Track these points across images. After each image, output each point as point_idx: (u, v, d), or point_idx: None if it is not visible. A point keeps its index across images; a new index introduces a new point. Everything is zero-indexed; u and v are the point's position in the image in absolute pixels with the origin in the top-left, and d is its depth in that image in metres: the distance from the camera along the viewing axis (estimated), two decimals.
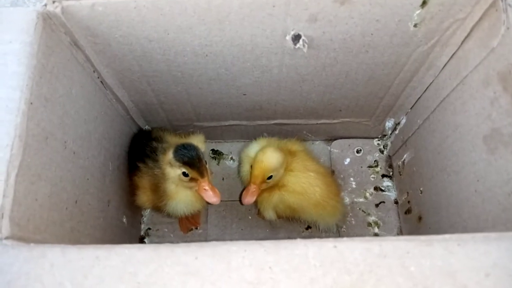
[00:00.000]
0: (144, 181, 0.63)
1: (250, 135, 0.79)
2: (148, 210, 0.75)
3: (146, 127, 0.74)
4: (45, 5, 0.42)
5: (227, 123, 0.74)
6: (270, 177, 0.61)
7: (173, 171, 0.57)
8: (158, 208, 0.65)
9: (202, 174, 0.55)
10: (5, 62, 0.39)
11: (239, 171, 0.72)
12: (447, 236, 0.33)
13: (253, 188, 0.61)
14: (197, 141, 0.65)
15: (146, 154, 0.63)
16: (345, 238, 0.33)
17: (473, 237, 0.33)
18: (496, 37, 0.43)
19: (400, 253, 0.31)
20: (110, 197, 0.59)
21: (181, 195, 0.59)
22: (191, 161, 0.55)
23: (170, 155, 0.56)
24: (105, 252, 0.32)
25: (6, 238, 0.34)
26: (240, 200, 0.65)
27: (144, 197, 0.63)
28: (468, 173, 0.50)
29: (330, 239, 0.33)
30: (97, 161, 0.55)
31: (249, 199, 0.62)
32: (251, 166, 0.62)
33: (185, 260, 0.31)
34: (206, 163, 0.57)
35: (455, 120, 0.53)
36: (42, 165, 0.41)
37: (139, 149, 0.65)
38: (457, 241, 0.32)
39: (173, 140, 0.65)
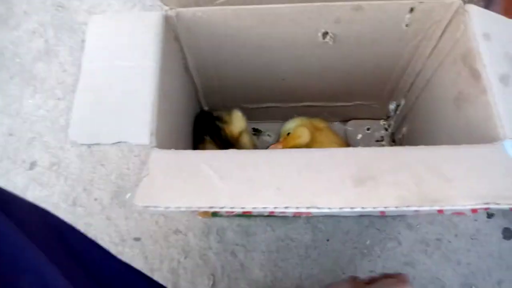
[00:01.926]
0: (208, 147, 0.86)
1: (283, 116, 1.01)
2: None
3: (206, 108, 0.97)
4: (166, 10, 0.66)
5: (265, 105, 0.97)
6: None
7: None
8: None
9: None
10: (146, 44, 0.62)
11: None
12: (422, 146, 0.55)
13: (279, 146, 0.84)
14: (237, 118, 0.89)
15: (211, 131, 0.86)
16: (358, 147, 0.54)
17: (437, 147, 0.55)
18: (459, 31, 0.65)
19: (393, 151, 0.53)
20: (187, 147, 0.82)
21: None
22: None
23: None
24: (216, 153, 0.54)
25: (155, 147, 0.56)
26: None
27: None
28: (444, 127, 0.72)
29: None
30: (183, 121, 0.78)
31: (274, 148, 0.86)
32: (288, 134, 0.85)
33: (265, 155, 0.53)
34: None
35: (434, 94, 0.75)
36: (164, 111, 0.63)
37: (205, 126, 0.88)
38: (428, 148, 0.54)
39: (228, 119, 0.89)
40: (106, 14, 0.65)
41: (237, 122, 0.89)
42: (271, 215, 0.91)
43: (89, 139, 0.57)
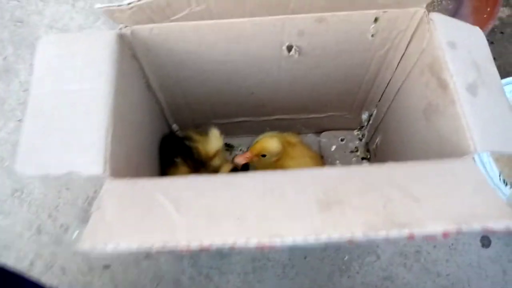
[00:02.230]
0: (181, 172, 0.81)
1: (256, 130, 0.98)
2: None
3: (174, 125, 0.93)
4: (120, 28, 0.63)
5: (237, 119, 0.94)
6: (263, 156, 0.81)
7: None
8: None
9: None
10: (99, 65, 0.59)
11: None
12: (391, 163, 0.52)
13: (247, 155, 0.81)
14: (215, 137, 0.85)
15: (182, 152, 0.82)
16: (325, 167, 0.52)
17: (407, 163, 0.52)
18: (425, 40, 0.63)
19: (361, 171, 0.51)
20: (151, 174, 0.78)
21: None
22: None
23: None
24: (176, 179, 0.51)
25: (109, 176, 0.53)
26: (233, 159, 0.85)
27: None
28: (415, 139, 0.70)
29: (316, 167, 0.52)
30: (146, 143, 0.74)
31: (240, 159, 0.82)
32: (256, 142, 0.82)
33: (226, 179, 0.50)
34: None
35: (404, 104, 0.73)
36: (121, 135, 0.59)
37: (174, 148, 0.84)
38: (398, 165, 0.52)
39: (198, 138, 0.85)
40: (55, 35, 0.61)
41: (214, 141, 0.85)
42: None
43: (38, 170, 0.53)
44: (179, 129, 0.94)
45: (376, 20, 0.65)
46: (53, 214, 0.96)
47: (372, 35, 0.69)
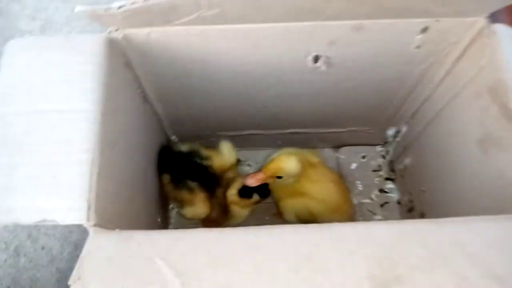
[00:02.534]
0: (198, 197, 0.70)
1: (266, 143, 0.87)
2: (175, 212, 0.82)
3: (173, 137, 0.81)
4: (109, 32, 0.50)
5: (245, 132, 0.82)
6: (279, 177, 0.68)
7: (240, 203, 0.70)
8: (211, 220, 0.73)
9: (264, 194, 0.69)
10: (82, 80, 0.46)
11: None
12: (455, 218, 0.41)
13: (260, 176, 0.68)
14: (227, 150, 0.73)
15: (193, 172, 0.70)
16: (372, 221, 0.41)
17: (473, 219, 0.41)
18: (484, 57, 0.52)
19: (419, 231, 0.39)
20: (150, 199, 0.66)
21: (244, 212, 0.71)
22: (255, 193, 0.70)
23: (234, 196, 0.69)
24: (180, 234, 0.39)
25: (94, 225, 0.41)
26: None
27: (198, 210, 0.71)
28: (464, 172, 0.59)
29: (360, 222, 0.41)
30: (142, 166, 0.62)
31: (252, 181, 0.68)
32: (271, 160, 0.70)
33: (247, 238, 0.39)
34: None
35: (450, 128, 0.62)
36: (111, 167, 0.48)
37: (181, 166, 0.71)
38: (463, 222, 0.41)
39: (209, 154, 0.73)
40: (27, 38, 0.48)
41: (228, 156, 0.74)
42: None
43: (2, 218, 0.41)
44: (179, 140, 0.82)
45: (425, 30, 0.54)
46: (33, 234, 0.84)
47: (417, 47, 0.57)
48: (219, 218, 0.71)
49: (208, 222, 0.80)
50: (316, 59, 0.58)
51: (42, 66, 0.47)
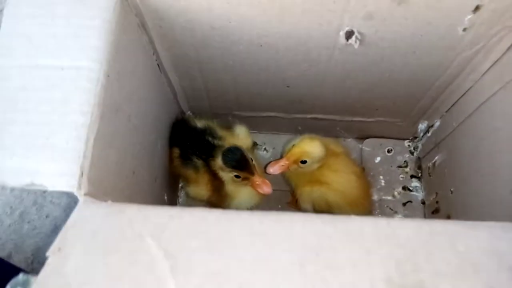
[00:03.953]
0: (201, 178, 0.65)
1: (285, 128, 0.82)
2: (183, 191, 0.78)
3: (189, 113, 0.77)
4: None
5: (264, 114, 0.77)
6: (304, 162, 0.63)
7: (226, 175, 0.61)
8: (213, 204, 0.68)
9: (251, 172, 0.59)
10: (88, 36, 0.42)
11: None
12: (490, 223, 0.35)
13: (283, 162, 0.64)
14: (243, 133, 0.69)
15: (203, 150, 0.65)
16: (396, 218, 0.35)
17: None
18: None
19: (449, 233, 0.34)
20: (157, 174, 0.62)
21: (241, 193, 0.64)
22: (239, 164, 0.59)
23: (219, 161, 0.60)
24: (178, 212, 0.35)
25: (85, 194, 0.37)
26: (265, 169, 0.67)
27: (201, 191, 0.66)
28: (503, 174, 0.52)
29: (383, 217, 0.35)
30: (150, 138, 0.58)
31: (274, 169, 0.64)
32: (293, 145, 0.65)
33: (250, 223, 0.34)
34: (252, 160, 0.60)
35: (493, 124, 0.55)
36: (112, 134, 0.44)
37: (193, 142, 0.67)
38: (501, 227, 0.35)
39: (224, 134, 0.68)
40: None
41: (243, 139, 0.69)
42: None
43: None
44: (195, 117, 0.78)
45: (477, 9, 0.47)
46: (39, 201, 0.82)
47: (464, 29, 0.50)
48: (220, 202, 0.66)
49: (211, 205, 0.77)
50: (349, 35, 0.52)
51: (46, 18, 0.43)
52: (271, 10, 0.48)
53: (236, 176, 0.60)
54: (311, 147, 0.63)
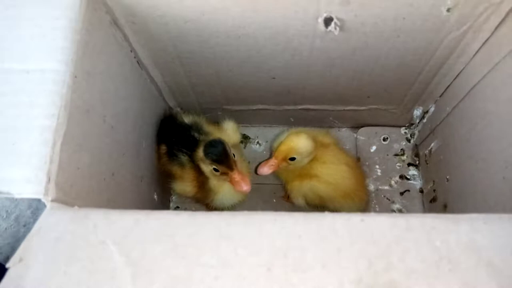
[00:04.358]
0: (187, 174, 0.64)
1: (277, 120, 0.81)
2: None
3: (177, 109, 0.76)
4: None
5: (254, 107, 0.76)
6: (292, 159, 0.62)
7: (206, 167, 0.60)
8: (199, 200, 0.67)
9: (230, 168, 0.58)
10: (54, 37, 0.41)
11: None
12: (473, 215, 0.33)
13: (272, 161, 0.63)
14: (231, 129, 0.67)
15: (189, 146, 0.64)
16: (372, 213, 0.34)
17: (499, 217, 0.33)
18: None
19: (426, 229, 0.32)
20: (143, 173, 0.61)
21: (225, 188, 0.62)
22: (219, 157, 0.57)
23: (201, 153, 0.58)
24: (144, 216, 0.34)
25: (53, 201, 0.36)
26: (256, 170, 0.66)
27: (186, 188, 0.65)
28: (496, 160, 0.50)
29: (358, 213, 0.34)
30: (132, 137, 0.57)
31: (265, 170, 0.63)
32: (280, 143, 0.63)
33: (218, 225, 0.33)
34: (234, 155, 0.59)
35: (485, 107, 0.53)
36: (83, 136, 0.43)
37: (179, 138, 0.65)
38: (483, 219, 0.33)
39: (211, 130, 0.67)
40: None
41: (231, 135, 0.68)
42: None
43: None
44: (183, 113, 0.77)
45: None
46: (33, 204, 0.82)
47: (448, 9, 0.48)
48: (204, 198, 0.65)
49: (198, 202, 0.75)
50: (327, 21, 0.50)
51: (10, 20, 0.42)
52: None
53: (215, 170, 0.58)
54: (298, 143, 0.61)
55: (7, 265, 0.31)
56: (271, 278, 0.29)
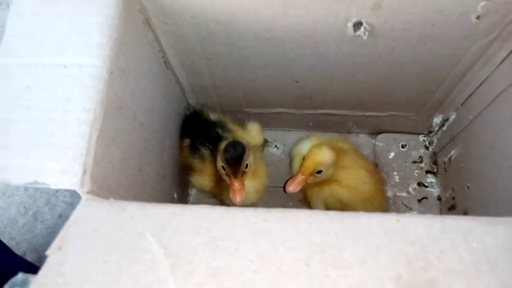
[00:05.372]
0: (206, 168, 0.64)
1: (296, 124, 0.81)
2: (195, 189, 0.78)
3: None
4: None
5: (274, 110, 0.76)
6: (319, 172, 0.62)
7: (218, 162, 0.60)
8: (215, 196, 0.67)
9: (235, 174, 0.58)
10: (90, 33, 0.42)
11: (290, 167, 0.73)
12: (509, 218, 0.34)
13: (300, 178, 0.63)
14: (255, 130, 0.68)
15: (212, 141, 0.65)
16: (407, 214, 0.34)
17: None
18: None
19: (463, 230, 0.32)
20: (165, 172, 0.62)
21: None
22: (231, 159, 0.57)
23: (222, 146, 0.59)
24: (180, 209, 0.34)
25: (88, 192, 0.37)
26: (284, 188, 0.66)
27: (203, 182, 0.65)
28: None
29: (392, 213, 0.34)
30: (157, 135, 0.58)
31: (294, 187, 0.63)
32: (303, 158, 0.64)
33: (254, 221, 0.33)
34: (247, 166, 0.59)
35: (511, 115, 0.53)
36: (116, 131, 0.43)
37: (203, 132, 0.66)
38: None
39: (234, 129, 0.68)
40: None
41: (255, 136, 0.68)
42: None
43: None
44: (209, 110, 0.76)
45: None
46: (51, 200, 0.83)
47: (478, 17, 0.48)
48: (220, 194, 0.65)
49: (215, 197, 0.75)
50: (357, 26, 0.51)
51: (50, 16, 0.43)
52: (276, 2, 0.47)
53: (223, 168, 0.59)
54: (321, 156, 0.61)
55: (46, 253, 0.31)
56: (310, 274, 0.29)
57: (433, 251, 0.31)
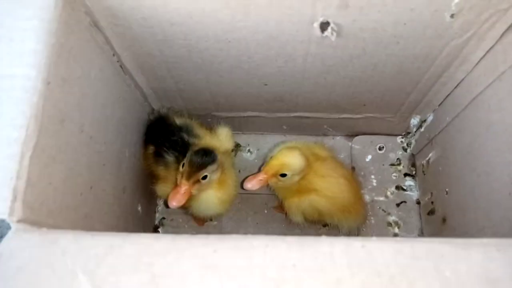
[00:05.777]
0: (171, 175, 0.60)
1: (269, 128, 0.78)
2: (163, 199, 0.74)
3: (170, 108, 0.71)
4: None
5: (245, 114, 0.72)
6: (283, 175, 0.59)
7: (183, 160, 0.56)
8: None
9: (188, 176, 0.54)
10: (23, 39, 0.38)
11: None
12: (485, 240, 0.30)
13: (261, 176, 0.59)
14: (224, 135, 0.64)
15: (177, 147, 0.60)
16: (373, 238, 0.30)
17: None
18: None
19: (434, 256, 0.29)
20: (125, 184, 0.58)
21: (203, 197, 0.58)
22: (195, 161, 0.54)
23: (191, 152, 0.56)
24: (119, 241, 0.30)
25: (19, 221, 0.33)
26: (242, 183, 0.61)
27: (168, 190, 0.61)
28: (501, 175, 0.47)
29: (358, 238, 0.31)
30: (113, 147, 0.53)
31: (252, 184, 0.59)
32: (270, 157, 0.60)
33: (203, 252, 0.29)
34: (205, 178, 0.55)
35: (488, 118, 0.50)
36: (58, 147, 0.39)
37: (167, 138, 0.62)
38: (496, 246, 0.30)
39: (202, 134, 0.64)
40: None
41: (225, 142, 0.64)
42: None
43: None
44: (175, 114, 0.72)
45: None
46: None
47: (452, 15, 0.45)
48: (187, 205, 0.61)
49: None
50: (323, 26, 0.47)
51: None
52: (234, 1, 0.43)
53: (183, 165, 0.55)
54: (290, 159, 0.57)
55: None
56: None
57: (401, 283, 0.27)
